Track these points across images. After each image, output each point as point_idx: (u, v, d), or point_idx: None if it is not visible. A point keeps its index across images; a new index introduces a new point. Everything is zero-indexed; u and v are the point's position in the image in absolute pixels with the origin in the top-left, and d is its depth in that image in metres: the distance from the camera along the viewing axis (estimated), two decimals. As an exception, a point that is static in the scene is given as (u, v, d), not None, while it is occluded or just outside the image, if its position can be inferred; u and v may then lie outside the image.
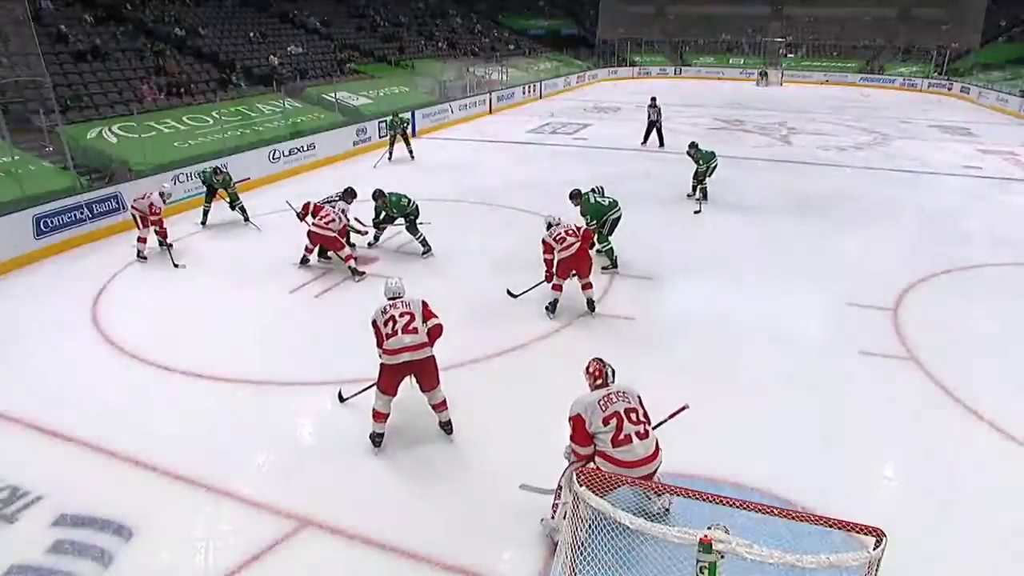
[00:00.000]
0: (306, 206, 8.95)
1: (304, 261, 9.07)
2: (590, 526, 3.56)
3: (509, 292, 8.02)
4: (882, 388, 6.23)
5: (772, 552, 2.81)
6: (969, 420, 5.70)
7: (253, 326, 7.48)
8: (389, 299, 5.31)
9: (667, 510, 4.43)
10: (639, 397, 4.26)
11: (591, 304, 7.62)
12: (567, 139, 19.61)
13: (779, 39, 44.61)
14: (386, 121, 16.90)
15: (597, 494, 4.13)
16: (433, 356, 5.19)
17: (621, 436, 4.01)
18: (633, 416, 4.09)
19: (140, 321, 7.60)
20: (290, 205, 9.45)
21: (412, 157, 16.35)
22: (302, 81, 20.74)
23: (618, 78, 40.88)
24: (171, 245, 9.46)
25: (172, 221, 11.15)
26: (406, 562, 4.13)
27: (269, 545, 4.24)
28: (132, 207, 9.51)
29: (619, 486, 3.87)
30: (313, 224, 8.69)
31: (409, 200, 9.42)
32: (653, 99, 18.16)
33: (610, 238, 8.79)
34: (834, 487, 4.78)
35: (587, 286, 7.54)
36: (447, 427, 5.42)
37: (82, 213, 10.15)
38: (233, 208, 11.02)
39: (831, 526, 3.04)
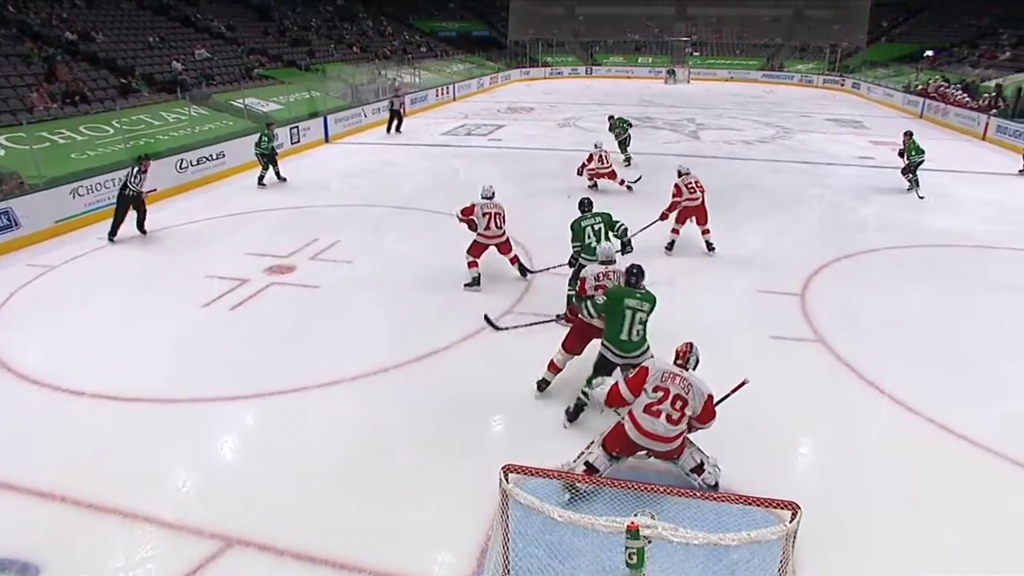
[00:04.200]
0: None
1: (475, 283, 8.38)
2: (521, 522, 3.61)
3: (624, 228, 7.99)
4: (794, 370, 6.57)
5: (696, 533, 2.93)
6: (873, 395, 6.09)
7: (165, 343, 7.15)
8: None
9: (701, 464, 4.65)
10: (704, 395, 4.51)
11: (710, 245, 9.63)
12: (482, 140, 19.67)
13: (684, 38, 46.19)
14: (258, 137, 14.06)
15: (616, 454, 4.55)
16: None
17: (655, 408, 4.41)
18: (677, 403, 4.42)
19: (42, 343, 7.14)
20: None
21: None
22: (208, 88, 20.02)
23: (531, 79, 41.28)
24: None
25: (78, 235, 10.58)
26: (338, 572, 4.05)
27: (194, 568, 4.07)
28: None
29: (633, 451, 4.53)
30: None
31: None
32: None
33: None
34: (755, 467, 5.00)
35: (705, 231, 9.65)
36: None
37: (-31, 232, 9.48)
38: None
39: (750, 504, 3.19)
